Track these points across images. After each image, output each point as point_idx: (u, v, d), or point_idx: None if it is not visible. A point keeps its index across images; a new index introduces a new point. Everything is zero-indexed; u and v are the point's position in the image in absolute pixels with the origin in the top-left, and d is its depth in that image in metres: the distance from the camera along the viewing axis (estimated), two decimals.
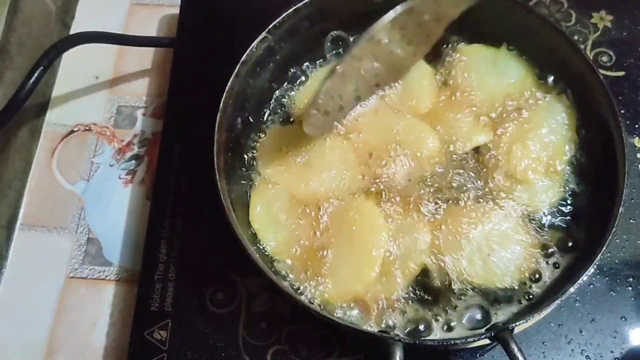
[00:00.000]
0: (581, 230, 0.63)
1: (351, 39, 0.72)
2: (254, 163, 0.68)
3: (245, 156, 0.68)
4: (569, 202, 0.65)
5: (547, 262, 0.62)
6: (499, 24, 0.70)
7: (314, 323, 0.63)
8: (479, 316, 0.60)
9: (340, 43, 0.73)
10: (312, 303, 0.60)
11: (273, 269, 0.62)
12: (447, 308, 0.60)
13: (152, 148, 0.79)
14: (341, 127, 0.68)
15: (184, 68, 0.78)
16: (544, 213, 0.64)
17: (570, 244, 0.62)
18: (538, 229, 0.63)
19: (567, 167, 0.65)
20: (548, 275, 0.61)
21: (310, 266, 0.62)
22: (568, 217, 0.64)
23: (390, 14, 0.57)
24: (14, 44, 0.75)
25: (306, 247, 0.63)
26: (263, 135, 0.69)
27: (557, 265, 0.62)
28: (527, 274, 0.61)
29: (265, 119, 0.70)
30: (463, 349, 0.62)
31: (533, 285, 0.61)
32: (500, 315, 0.60)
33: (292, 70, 0.72)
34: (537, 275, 0.61)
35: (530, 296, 0.60)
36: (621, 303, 0.64)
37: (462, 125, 0.68)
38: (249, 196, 0.66)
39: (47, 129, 0.81)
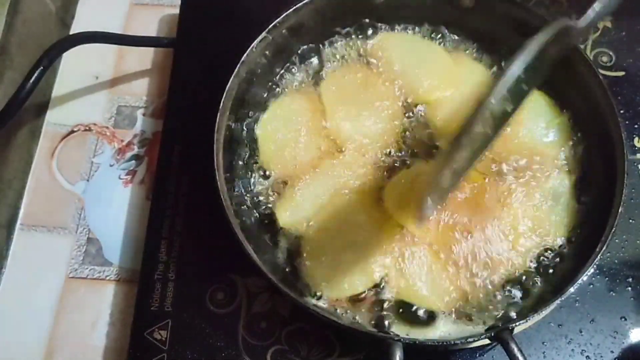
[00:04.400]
0: (581, 230, 0.63)
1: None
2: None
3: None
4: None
5: (546, 263, 0.62)
6: (499, 24, 0.70)
7: (314, 323, 0.63)
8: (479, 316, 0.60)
9: (341, 43, 0.73)
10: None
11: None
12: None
13: (152, 148, 0.79)
14: None
15: (184, 68, 0.78)
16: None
17: (569, 244, 0.62)
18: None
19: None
20: (548, 275, 0.61)
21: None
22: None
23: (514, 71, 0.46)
24: (14, 44, 0.75)
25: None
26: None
27: (556, 266, 0.62)
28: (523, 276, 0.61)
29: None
30: (463, 349, 0.62)
31: (533, 286, 0.61)
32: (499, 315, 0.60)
33: (292, 69, 0.72)
34: (537, 276, 0.61)
35: (531, 296, 0.61)
36: (621, 303, 0.64)
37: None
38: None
39: (47, 129, 0.81)
